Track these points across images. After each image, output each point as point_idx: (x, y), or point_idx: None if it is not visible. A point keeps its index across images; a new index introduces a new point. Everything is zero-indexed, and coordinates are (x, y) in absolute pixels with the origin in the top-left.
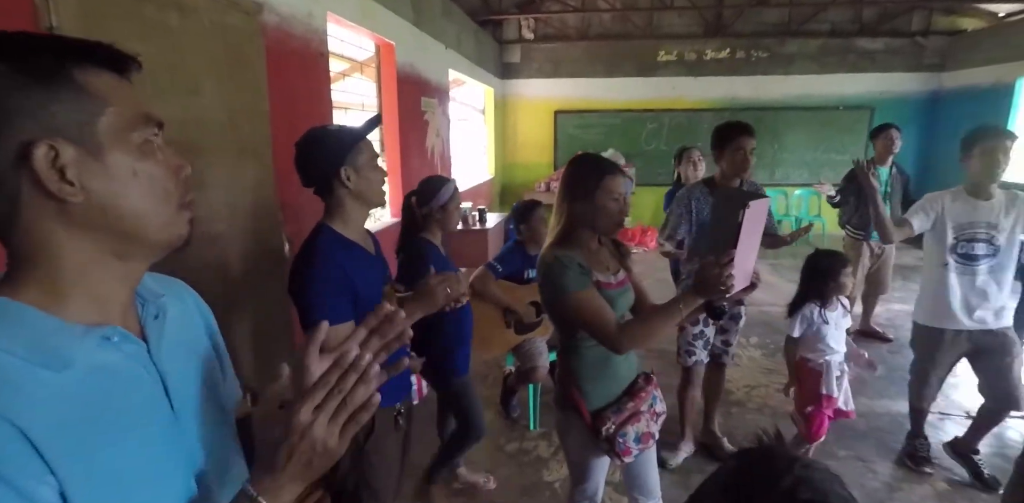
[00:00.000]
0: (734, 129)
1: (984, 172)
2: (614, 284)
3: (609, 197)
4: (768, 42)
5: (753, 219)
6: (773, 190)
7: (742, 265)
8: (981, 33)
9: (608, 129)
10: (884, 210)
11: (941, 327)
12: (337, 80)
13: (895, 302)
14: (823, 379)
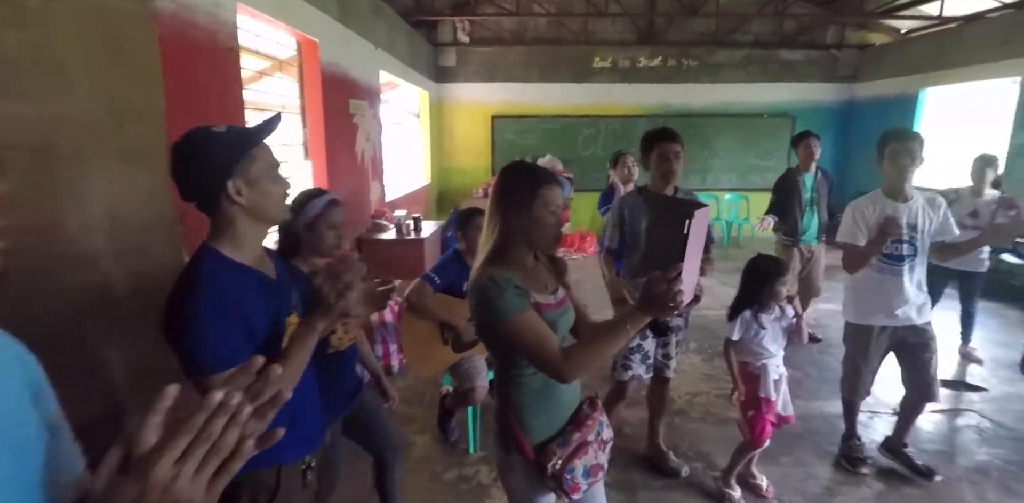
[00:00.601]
0: (658, 135)
1: (895, 172)
2: (553, 304)
3: (546, 209)
4: (697, 51)
5: (697, 229)
6: (705, 194)
7: (688, 278)
8: (887, 47)
9: (545, 134)
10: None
11: (869, 324)
12: (257, 79)
13: (822, 302)
14: (761, 382)
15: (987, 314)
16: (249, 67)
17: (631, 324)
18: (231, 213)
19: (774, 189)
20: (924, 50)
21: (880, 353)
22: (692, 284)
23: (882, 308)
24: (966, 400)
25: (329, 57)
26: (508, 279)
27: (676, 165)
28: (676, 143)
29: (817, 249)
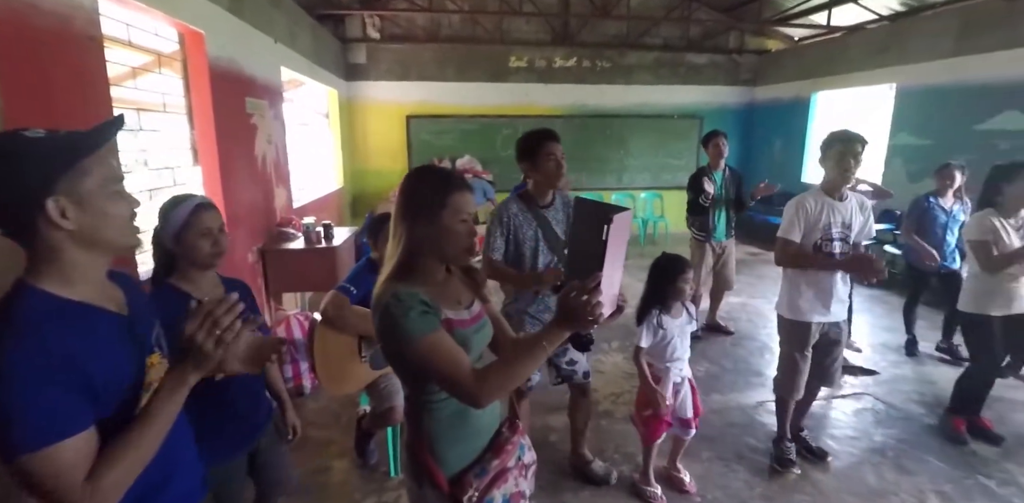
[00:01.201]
0: (540, 136)
1: (838, 173)
2: (468, 320)
3: (457, 218)
4: (610, 53)
5: (617, 235)
6: (621, 194)
7: (608, 288)
8: (783, 54)
9: (463, 135)
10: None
11: (808, 321)
12: (136, 75)
13: (732, 295)
14: (660, 385)
15: (873, 302)
16: (122, 61)
17: (548, 341)
18: (54, 241)
19: (688, 187)
20: (815, 57)
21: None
22: (613, 294)
23: (819, 305)
24: (862, 384)
25: (219, 51)
26: (413, 295)
27: (564, 167)
28: (559, 143)
29: (728, 244)
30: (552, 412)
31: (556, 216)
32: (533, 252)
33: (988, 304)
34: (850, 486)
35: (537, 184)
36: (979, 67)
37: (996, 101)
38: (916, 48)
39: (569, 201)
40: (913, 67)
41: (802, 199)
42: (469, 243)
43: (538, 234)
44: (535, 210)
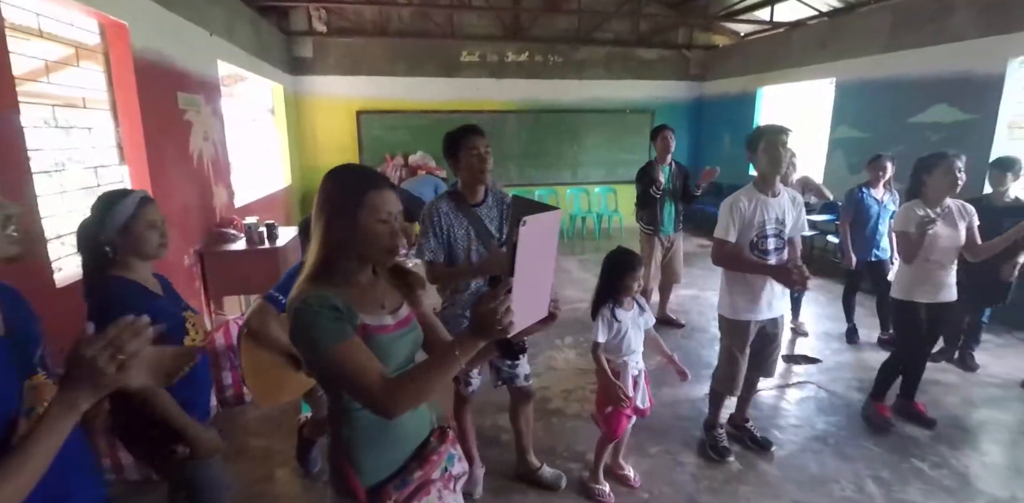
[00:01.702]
0: (462, 131)
1: (770, 166)
2: (391, 326)
3: (375, 217)
4: (562, 48)
5: (536, 237)
6: (576, 188)
7: (531, 294)
8: (730, 49)
9: (415, 130)
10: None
11: (747, 319)
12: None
13: (683, 288)
14: (620, 379)
15: (818, 291)
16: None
17: (460, 350)
18: None
19: (637, 180)
20: (760, 52)
21: (750, 345)
22: (540, 300)
23: (756, 303)
24: (805, 372)
25: (145, 43)
26: (323, 300)
27: (489, 162)
28: (484, 138)
29: (676, 238)
30: (503, 411)
31: (490, 214)
32: (466, 252)
33: (916, 291)
34: (793, 475)
35: (464, 181)
36: (911, 62)
37: (927, 95)
38: (853, 44)
39: (504, 198)
40: (850, 62)
41: (736, 199)
42: (390, 244)
43: (470, 233)
44: (466, 209)
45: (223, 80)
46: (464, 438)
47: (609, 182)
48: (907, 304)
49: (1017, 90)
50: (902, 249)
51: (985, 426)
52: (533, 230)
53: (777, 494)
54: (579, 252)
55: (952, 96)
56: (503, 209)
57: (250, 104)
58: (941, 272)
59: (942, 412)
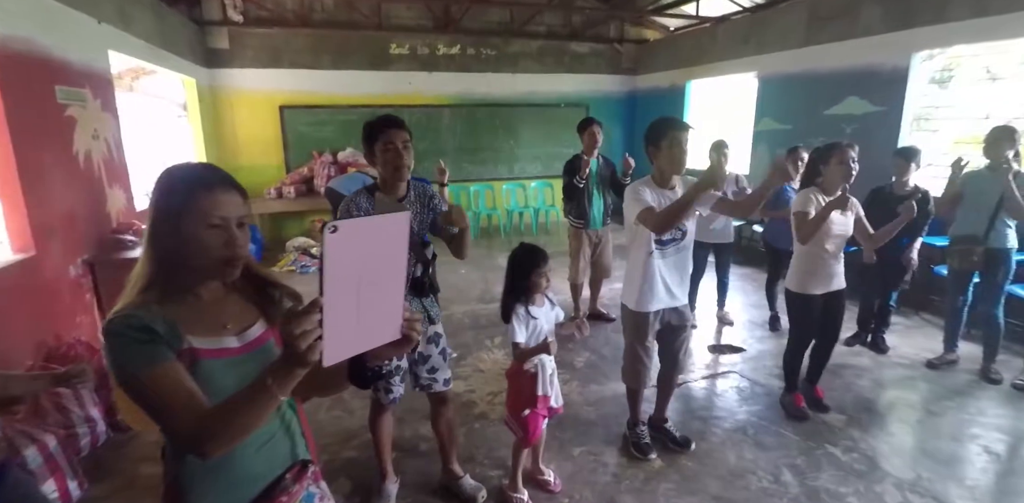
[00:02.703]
0: (377, 124)
1: (673, 162)
2: (236, 349)
3: (203, 223)
4: (495, 41)
5: (362, 246)
6: (512, 183)
7: (364, 313)
8: (660, 43)
9: (343, 126)
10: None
11: (647, 310)
12: None
13: (613, 281)
14: (538, 380)
15: (743, 279)
16: None
17: (275, 379)
18: None
19: (565, 171)
20: (688, 46)
21: (654, 337)
22: (381, 322)
23: (658, 293)
24: (728, 362)
25: (10, 30)
26: (131, 319)
27: (407, 156)
28: (404, 131)
29: (605, 232)
30: (425, 419)
31: (412, 209)
32: None
33: (809, 285)
34: (712, 468)
35: (381, 176)
36: (825, 56)
37: (841, 88)
38: (773, 39)
39: (428, 191)
40: (771, 56)
41: (639, 187)
42: (225, 253)
43: None
44: (386, 204)
45: (121, 73)
46: (378, 451)
47: (545, 177)
48: (802, 297)
49: (921, 83)
50: (800, 229)
51: (894, 407)
52: (350, 238)
53: (696, 490)
54: (484, 247)
55: (863, 89)
56: (427, 202)
57: (158, 99)
58: (832, 262)
59: (855, 395)
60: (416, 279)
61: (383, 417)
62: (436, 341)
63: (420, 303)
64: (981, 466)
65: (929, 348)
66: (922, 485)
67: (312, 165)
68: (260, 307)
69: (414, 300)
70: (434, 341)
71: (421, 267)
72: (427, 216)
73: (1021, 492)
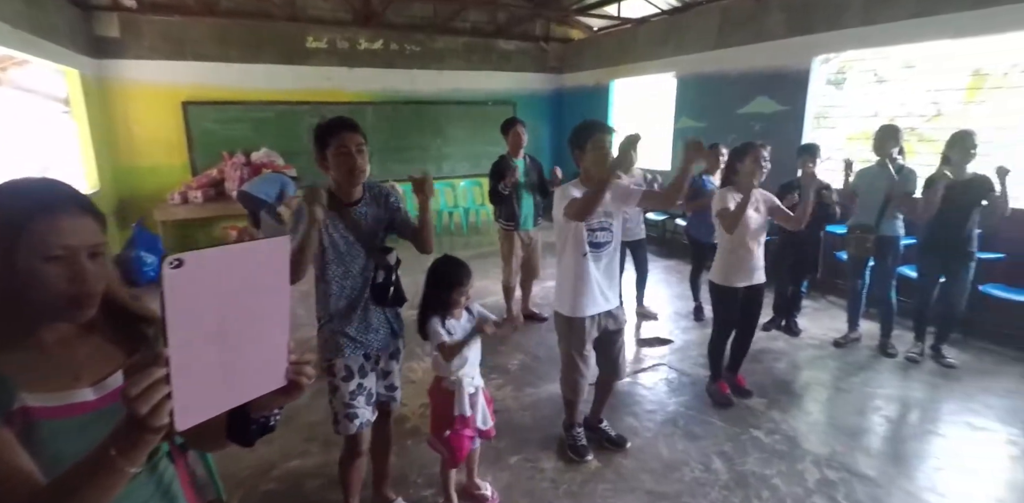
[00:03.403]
0: (335, 126)
1: (595, 165)
2: (91, 403)
3: (40, 254)
4: (419, 37)
5: (216, 283)
6: (441, 183)
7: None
8: (584, 42)
9: (258, 124)
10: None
11: (583, 315)
12: None
13: (547, 279)
14: (456, 399)
15: (667, 271)
16: None
17: (120, 449)
18: None
19: (490, 175)
20: (611, 46)
21: (592, 345)
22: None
23: (593, 296)
24: (657, 354)
25: None
26: None
27: (361, 160)
28: (358, 133)
29: (535, 233)
30: None
31: (368, 211)
32: (344, 258)
33: (733, 278)
34: (647, 464)
35: (335, 181)
36: (736, 58)
37: (750, 88)
38: (689, 41)
39: (385, 191)
40: (688, 58)
41: (566, 187)
42: (70, 291)
43: (349, 236)
44: (341, 208)
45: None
46: (347, 492)
47: (475, 175)
48: (725, 289)
49: (820, 84)
50: (724, 222)
51: (808, 387)
52: (201, 273)
53: (633, 488)
54: (447, 249)
55: (770, 89)
56: (384, 202)
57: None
58: (752, 256)
59: (774, 377)
60: (377, 286)
61: (356, 464)
62: (397, 356)
63: (383, 314)
64: (885, 436)
65: (835, 328)
66: (836, 459)
67: (222, 167)
68: (128, 348)
69: (375, 310)
70: (396, 356)
71: (383, 273)
72: (385, 217)
73: (919, 455)
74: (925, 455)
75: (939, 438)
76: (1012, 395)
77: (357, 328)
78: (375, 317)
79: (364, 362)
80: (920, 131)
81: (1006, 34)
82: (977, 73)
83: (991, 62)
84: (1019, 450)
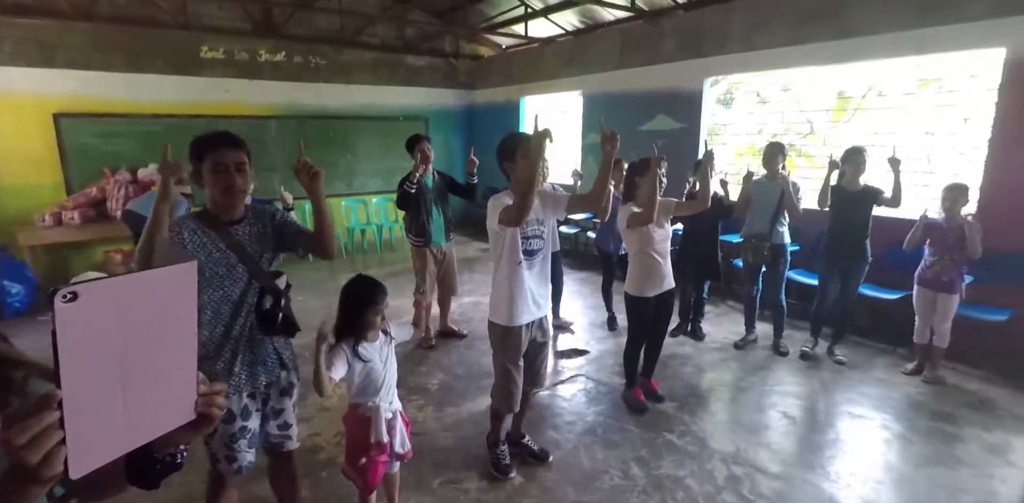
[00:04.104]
0: (211, 141)
1: (528, 171)
2: None
3: None
4: (325, 49)
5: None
6: (352, 199)
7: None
8: (494, 60)
9: (144, 138)
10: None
11: (519, 324)
12: None
13: (463, 295)
14: (372, 426)
15: (581, 283)
16: None
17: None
18: None
19: (398, 186)
20: (521, 64)
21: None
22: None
23: (528, 304)
24: (575, 365)
25: None
26: None
27: (241, 180)
28: (240, 151)
29: (448, 248)
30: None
31: (251, 230)
32: (224, 281)
33: (645, 288)
34: (569, 475)
35: (213, 201)
36: (637, 78)
37: (651, 106)
38: (594, 61)
39: (268, 210)
40: (593, 77)
41: (500, 196)
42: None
43: (230, 257)
44: (220, 228)
45: None
46: None
47: (387, 191)
48: (639, 299)
49: (711, 104)
50: (632, 224)
51: (714, 388)
52: (97, 306)
53: (557, 500)
54: (361, 268)
55: (669, 108)
56: (270, 221)
57: None
58: (662, 266)
59: (683, 382)
60: (266, 313)
61: (224, 494)
62: (290, 392)
63: (271, 344)
64: (783, 430)
65: (735, 331)
66: (741, 456)
67: (103, 185)
68: None
69: (263, 340)
70: (288, 392)
71: (271, 299)
72: (271, 237)
73: (815, 447)
74: (817, 445)
75: (828, 428)
76: (883, 384)
77: (240, 362)
78: (260, 349)
79: (248, 401)
80: (797, 146)
81: (862, 62)
82: (841, 95)
83: (852, 86)
84: (890, 434)
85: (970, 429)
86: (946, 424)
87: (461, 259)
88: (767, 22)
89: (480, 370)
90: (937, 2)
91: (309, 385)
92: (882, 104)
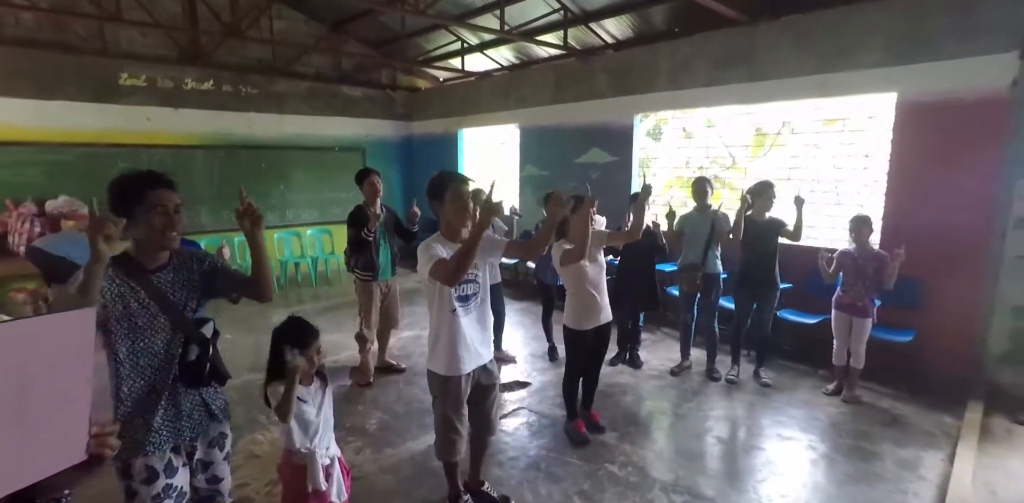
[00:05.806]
0: (145, 180)
1: (457, 215)
2: None
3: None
4: (256, 79)
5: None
6: (286, 231)
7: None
8: (431, 92)
9: (55, 168)
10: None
11: (459, 374)
12: None
13: (403, 328)
14: (308, 474)
15: (522, 313)
16: None
17: None
18: None
19: (349, 224)
20: (458, 97)
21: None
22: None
23: (468, 352)
24: (516, 398)
25: None
26: None
27: (181, 223)
28: (173, 192)
29: (393, 282)
30: None
31: (175, 278)
32: (145, 332)
33: (584, 320)
34: None
35: (140, 245)
36: (571, 113)
37: (585, 140)
38: (529, 95)
39: (195, 255)
40: (528, 111)
41: (429, 243)
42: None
43: (151, 307)
44: (140, 276)
45: None
46: None
47: (322, 223)
48: (578, 332)
49: (641, 138)
50: (565, 261)
51: (652, 416)
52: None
53: None
54: (295, 302)
55: (602, 142)
56: (197, 267)
57: None
58: (598, 300)
59: (623, 411)
60: (191, 364)
61: None
62: (220, 443)
63: (197, 395)
64: (718, 455)
65: (670, 358)
66: (680, 483)
67: (5, 218)
68: None
69: (189, 392)
70: (218, 443)
71: (197, 349)
72: (198, 284)
73: (746, 469)
74: (750, 468)
75: (759, 451)
76: (807, 405)
77: (163, 416)
78: (186, 401)
79: (172, 457)
80: (722, 178)
81: (773, 103)
82: (759, 131)
83: (768, 123)
84: (816, 454)
85: (885, 446)
86: (865, 442)
87: (402, 291)
88: (688, 64)
89: (421, 408)
90: (836, 51)
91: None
92: (796, 140)
